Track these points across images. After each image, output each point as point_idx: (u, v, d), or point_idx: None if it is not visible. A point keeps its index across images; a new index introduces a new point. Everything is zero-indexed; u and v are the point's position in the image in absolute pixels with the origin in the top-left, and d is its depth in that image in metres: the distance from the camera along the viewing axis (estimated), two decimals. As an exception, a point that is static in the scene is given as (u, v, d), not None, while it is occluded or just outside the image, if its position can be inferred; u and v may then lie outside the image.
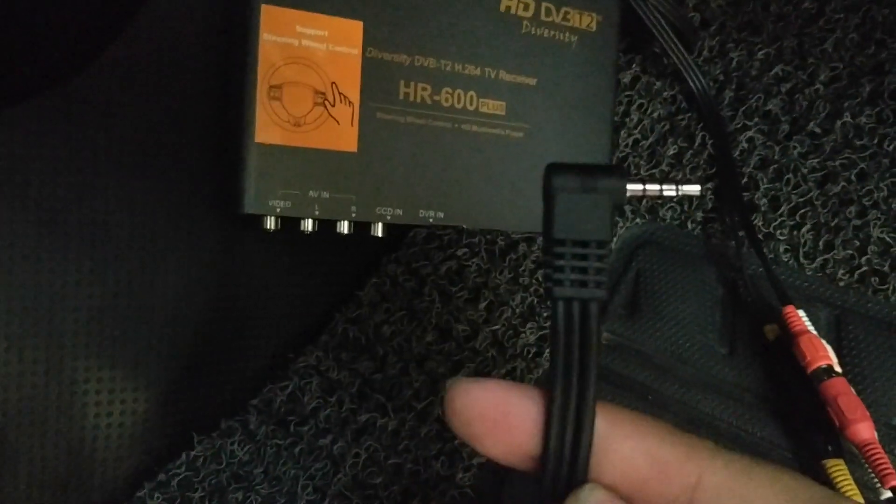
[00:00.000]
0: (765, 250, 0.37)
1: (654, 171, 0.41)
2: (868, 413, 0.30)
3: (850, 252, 0.37)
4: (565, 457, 0.17)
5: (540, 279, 0.39)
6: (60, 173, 0.32)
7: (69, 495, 0.33)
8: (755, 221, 0.38)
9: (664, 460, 0.17)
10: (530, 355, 0.37)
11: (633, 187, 0.18)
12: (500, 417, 0.18)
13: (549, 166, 0.17)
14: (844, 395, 0.30)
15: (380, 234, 0.35)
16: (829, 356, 0.32)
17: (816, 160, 0.39)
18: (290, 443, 0.37)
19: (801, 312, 0.34)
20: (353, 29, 0.34)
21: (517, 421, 0.18)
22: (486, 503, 0.35)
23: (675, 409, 0.35)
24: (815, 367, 0.31)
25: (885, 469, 0.29)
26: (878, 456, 0.29)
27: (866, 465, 0.30)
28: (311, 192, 0.33)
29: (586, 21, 0.39)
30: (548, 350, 0.37)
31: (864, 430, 0.29)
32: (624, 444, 0.17)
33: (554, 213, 0.17)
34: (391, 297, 0.40)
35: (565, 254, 0.17)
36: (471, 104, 0.36)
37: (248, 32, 0.32)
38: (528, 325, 0.38)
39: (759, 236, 0.38)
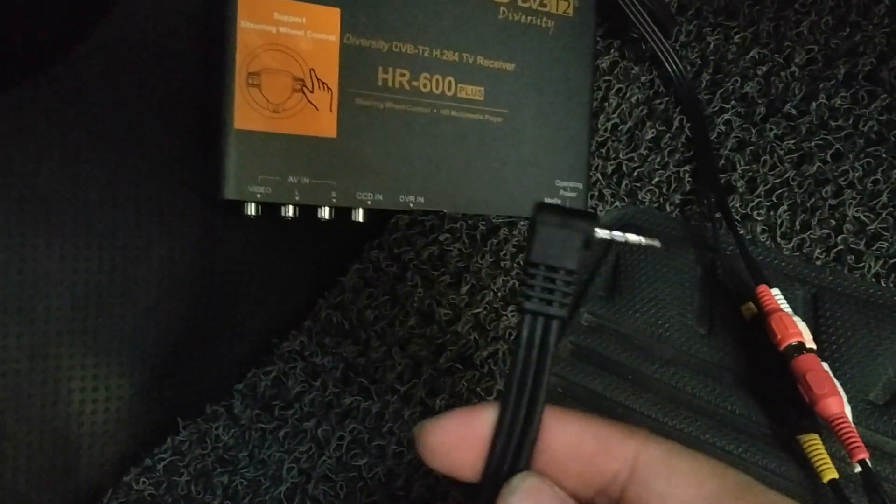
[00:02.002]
0: (742, 231, 0.38)
1: (632, 154, 0.41)
2: (837, 387, 0.31)
3: (827, 231, 0.37)
4: (510, 450, 0.20)
5: (521, 262, 0.39)
6: (43, 160, 0.32)
7: (55, 480, 0.34)
8: (732, 203, 0.39)
9: (607, 437, 0.20)
10: (512, 337, 0.38)
11: (602, 232, 0.21)
12: (461, 444, 0.20)
13: (538, 204, 0.21)
14: (814, 371, 0.31)
15: (361, 220, 0.36)
16: (801, 333, 0.32)
17: (792, 141, 0.39)
18: (274, 427, 0.37)
19: (774, 291, 0.35)
20: (331, 16, 0.34)
21: (477, 441, 0.20)
22: (468, 484, 0.35)
23: (655, 388, 0.36)
24: (786, 344, 0.32)
25: (854, 442, 0.29)
26: (846, 429, 0.29)
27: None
28: (291, 178, 0.34)
29: (563, 6, 0.39)
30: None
31: (834, 405, 0.30)
32: (571, 425, 0.20)
33: (534, 240, 0.20)
34: (374, 283, 0.41)
35: (538, 275, 0.20)
36: (449, 89, 0.37)
37: (226, 20, 0.32)
38: (510, 308, 0.38)
39: (737, 217, 0.38)
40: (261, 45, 0.33)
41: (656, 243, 0.21)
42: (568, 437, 0.20)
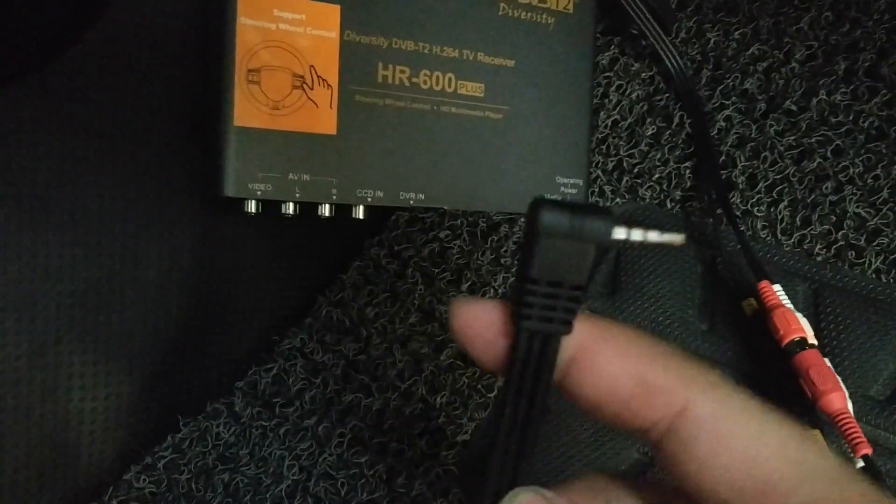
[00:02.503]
0: (742, 227, 0.38)
1: (633, 150, 0.41)
2: (840, 383, 0.31)
3: (827, 227, 0.37)
4: (507, 468, 0.18)
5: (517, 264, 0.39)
6: (41, 159, 0.32)
7: (55, 478, 0.34)
8: (733, 199, 0.39)
9: (652, 384, 0.17)
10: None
11: (619, 232, 0.17)
12: (480, 327, 0.18)
13: (537, 202, 0.17)
14: (816, 367, 0.31)
15: (361, 217, 0.36)
16: (803, 329, 0.32)
17: (793, 137, 0.39)
18: (275, 424, 0.37)
19: (776, 287, 0.35)
20: (331, 12, 0.34)
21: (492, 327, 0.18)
22: (470, 481, 0.35)
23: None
24: (788, 339, 0.32)
25: (857, 438, 0.29)
26: (849, 425, 0.29)
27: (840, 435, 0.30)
28: (291, 175, 0.34)
29: (563, 3, 0.39)
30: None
31: (836, 401, 0.30)
32: (612, 363, 0.17)
33: (535, 253, 0.17)
34: (374, 280, 0.40)
35: (538, 291, 0.17)
36: (449, 86, 0.37)
37: (225, 17, 0.32)
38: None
39: (737, 213, 0.38)
40: (260, 42, 0.33)
41: (679, 238, 0.18)
42: (603, 372, 0.17)
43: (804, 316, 0.34)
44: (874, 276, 0.36)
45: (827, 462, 0.16)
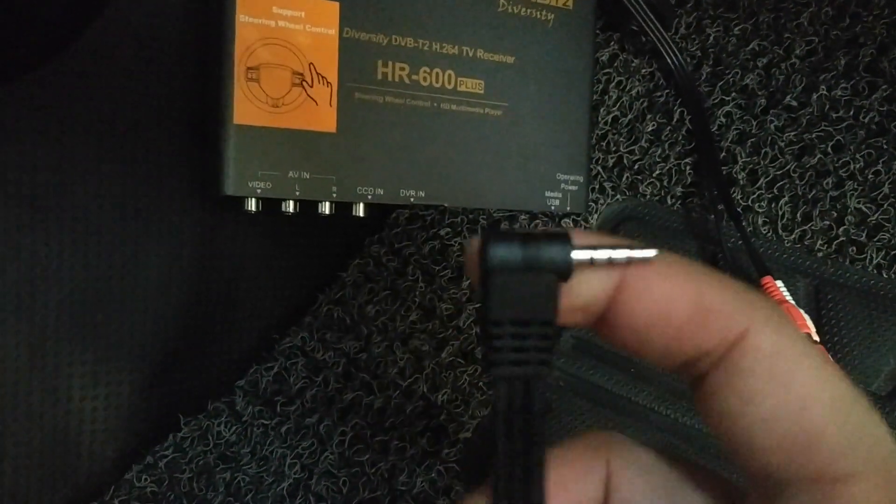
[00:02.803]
0: (743, 223, 0.38)
1: (633, 147, 0.41)
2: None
3: (828, 223, 0.37)
4: None
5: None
6: (39, 158, 0.32)
7: (56, 479, 0.34)
8: (734, 195, 0.39)
9: (712, 306, 0.15)
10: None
11: (580, 255, 0.15)
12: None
13: (485, 233, 0.15)
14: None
15: (361, 214, 0.36)
16: (807, 325, 0.32)
17: (793, 133, 0.39)
18: (276, 423, 0.37)
19: (779, 283, 0.35)
20: (330, 9, 0.34)
21: None
22: (472, 478, 0.35)
23: (657, 381, 0.36)
24: (791, 335, 0.32)
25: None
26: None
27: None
28: (291, 173, 0.34)
29: (563, -1, 0.39)
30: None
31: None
32: (667, 283, 0.15)
33: (490, 292, 0.15)
34: (375, 278, 0.40)
35: (503, 333, 0.15)
36: (449, 83, 0.37)
37: (224, 14, 0.32)
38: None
39: (738, 209, 0.38)
40: (259, 40, 0.33)
41: (651, 253, 0.15)
42: (659, 302, 0.15)
43: (805, 312, 0.34)
44: (875, 271, 0.36)
45: (880, 433, 0.15)
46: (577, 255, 0.15)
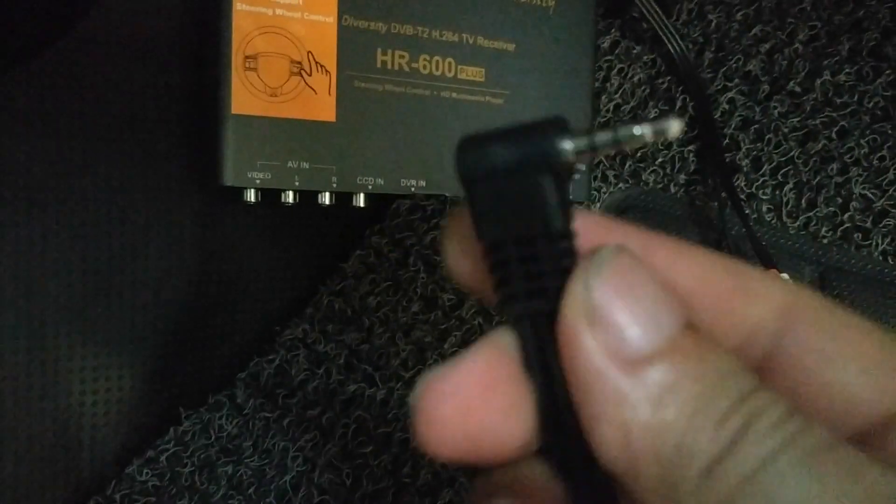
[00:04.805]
0: (748, 211, 0.37)
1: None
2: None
3: (833, 209, 0.37)
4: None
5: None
6: (37, 152, 0.31)
7: (57, 473, 0.33)
8: (738, 182, 0.38)
9: (745, 273, 0.15)
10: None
11: (578, 143, 0.12)
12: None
13: (460, 142, 0.13)
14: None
15: (362, 205, 0.35)
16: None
17: (797, 119, 0.39)
18: (278, 415, 0.37)
19: (784, 276, 0.34)
20: (328, -3, 0.34)
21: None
22: (475, 469, 0.35)
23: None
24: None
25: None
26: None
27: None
28: (290, 163, 0.33)
29: (564, -15, 0.38)
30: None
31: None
32: (698, 257, 0.15)
33: (476, 208, 0.12)
34: (376, 269, 0.40)
35: (509, 259, 0.13)
36: (449, 71, 0.36)
37: (221, 3, 0.32)
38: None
39: (742, 197, 0.38)
40: (257, 28, 0.32)
41: (676, 126, 0.13)
42: (695, 269, 0.15)
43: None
44: (881, 257, 0.35)
45: None
46: (567, 146, 0.12)
